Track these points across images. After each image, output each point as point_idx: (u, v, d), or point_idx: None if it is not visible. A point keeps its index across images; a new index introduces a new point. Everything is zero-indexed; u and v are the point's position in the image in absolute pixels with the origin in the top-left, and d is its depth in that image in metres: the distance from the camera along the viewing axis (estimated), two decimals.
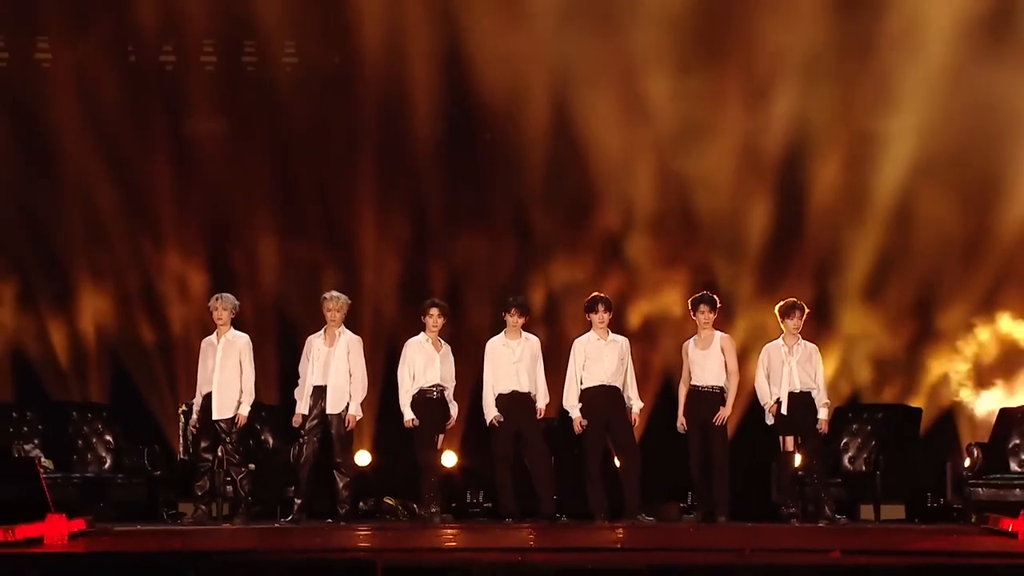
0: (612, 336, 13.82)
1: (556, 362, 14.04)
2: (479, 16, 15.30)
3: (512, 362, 13.79)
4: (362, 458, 14.73)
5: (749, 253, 15.53)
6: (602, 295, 13.96)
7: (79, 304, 15.62)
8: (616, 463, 13.86)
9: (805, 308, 13.72)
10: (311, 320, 14.11)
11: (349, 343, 13.71)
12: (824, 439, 13.81)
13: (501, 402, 13.75)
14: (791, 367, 13.56)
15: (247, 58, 16.11)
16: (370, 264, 15.66)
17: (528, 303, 14.04)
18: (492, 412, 13.76)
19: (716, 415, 13.61)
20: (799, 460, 13.61)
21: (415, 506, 14.14)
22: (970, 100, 14.76)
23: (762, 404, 13.68)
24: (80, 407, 15.08)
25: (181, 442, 14.39)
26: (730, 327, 14.71)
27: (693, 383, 13.73)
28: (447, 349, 13.89)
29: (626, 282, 15.56)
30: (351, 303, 13.83)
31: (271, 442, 14.73)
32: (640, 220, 15.65)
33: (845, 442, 14.83)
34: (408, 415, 13.74)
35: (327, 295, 13.78)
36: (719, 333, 13.80)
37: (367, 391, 13.81)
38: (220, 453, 13.67)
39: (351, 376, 13.67)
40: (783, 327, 13.66)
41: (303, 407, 13.69)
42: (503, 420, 13.73)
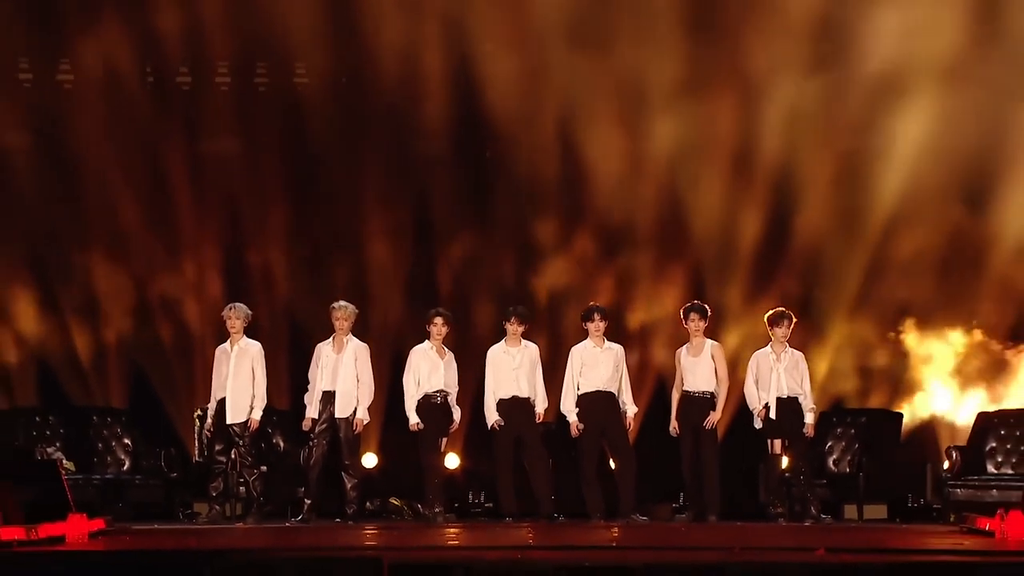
0: (608, 344, 13.82)
1: (555, 368, 14.06)
2: (484, 37, 15.31)
3: (512, 369, 13.79)
4: (369, 460, 14.71)
5: (740, 263, 15.50)
6: (598, 305, 13.97)
7: (99, 313, 15.61)
8: (612, 465, 13.86)
9: (793, 318, 13.73)
10: (320, 328, 14.10)
11: (356, 350, 13.71)
12: (810, 442, 13.81)
13: (502, 407, 13.76)
14: (779, 374, 13.57)
15: (259, 79, 16.11)
16: (377, 274, 15.63)
17: (528, 312, 14.03)
18: (493, 416, 13.76)
19: (707, 419, 13.61)
20: (786, 462, 13.63)
21: (419, 506, 14.13)
22: (958, 111, 14.76)
23: (751, 409, 13.68)
24: (100, 412, 15.08)
25: (196, 445, 14.38)
26: (721, 334, 14.70)
27: (685, 389, 13.74)
28: (450, 356, 13.89)
29: (622, 291, 15.54)
30: (358, 312, 13.84)
31: (282, 445, 14.72)
32: (637, 231, 15.62)
33: (830, 445, 14.81)
34: (413, 419, 13.74)
35: (335, 305, 13.77)
36: (710, 341, 13.81)
37: (374, 396, 13.82)
38: (233, 456, 13.68)
39: (358, 382, 13.67)
40: (771, 335, 13.67)
41: (313, 412, 13.70)
42: (503, 424, 13.73)
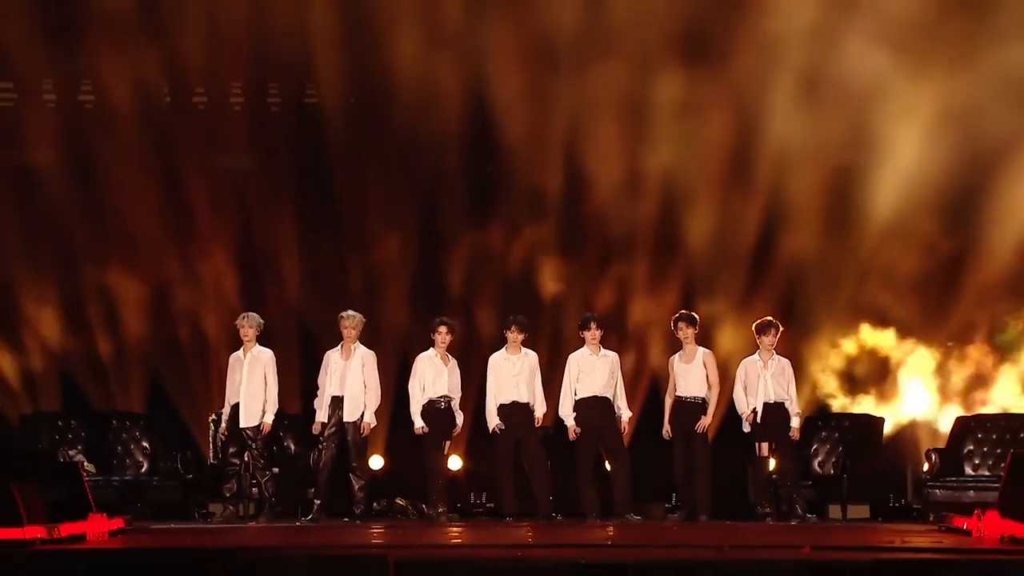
0: (603, 351, 13.82)
1: (553, 375, 14.06)
2: (487, 58, 15.35)
3: (512, 375, 13.79)
4: (376, 462, 14.71)
5: (731, 273, 15.52)
6: (595, 314, 13.98)
7: (119, 323, 15.61)
8: (607, 467, 13.86)
9: (779, 326, 13.74)
10: (329, 336, 14.11)
11: (364, 357, 13.72)
12: (796, 445, 13.80)
13: (502, 411, 13.76)
14: (766, 380, 13.57)
15: (271, 99, 16.14)
16: (384, 285, 15.64)
17: (527, 321, 14.03)
18: (494, 421, 13.77)
19: (698, 423, 13.62)
20: (773, 464, 13.64)
21: (424, 506, 14.13)
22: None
23: (740, 413, 13.68)
24: (120, 416, 15.08)
25: (211, 448, 14.39)
26: (713, 341, 14.72)
27: (678, 394, 13.74)
28: (454, 363, 13.90)
29: (618, 301, 15.54)
30: (365, 321, 13.85)
31: (293, 448, 14.71)
32: (633, 243, 15.63)
33: (815, 448, 14.80)
34: (418, 423, 13.75)
35: (344, 314, 13.78)
36: (702, 349, 13.82)
37: (380, 401, 13.82)
38: (247, 458, 13.67)
39: (366, 387, 13.68)
40: (759, 343, 13.67)
41: (322, 416, 13.70)
42: (504, 428, 13.73)
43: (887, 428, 15.03)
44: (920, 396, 15.29)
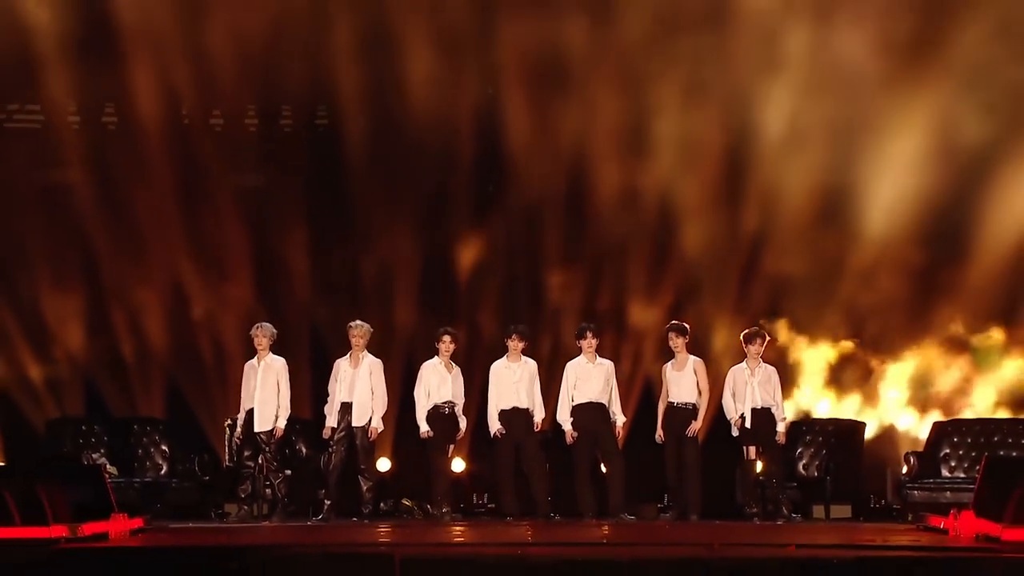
0: (599, 360, 13.82)
1: (552, 381, 14.05)
2: (491, 78, 15.39)
3: (513, 382, 13.78)
4: (383, 465, 14.68)
5: (721, 285, 15.52)
6: (591, 324, 13.97)
7: (140, 332, 15.61)
8: (603, 469, 13.84)
9: (766, 335, 13.75)
10: (339, 345, 14.11)
11: (371, 365, 13.71)
12: (782, 448, 13.79)
13: (503, 417, 13.75)
14: (753, 386, 13.56)
15: (284, 120, 16.15)
16: (392, 296, 15.63)
17: (527, 330, 14.03)
18: (495, 425, 13.76)
19: (689, 428, 13.60)
20: (760, 467, 13.60)
21: (428, 506, 14.10)
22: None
23: (728, 418, 13.66)
24: (140, 421, 15.06)
25: (227, 451, 14.35)
26: (704, 349, 14.74)
27: (670, 400, 13.73)
28: (457, 371, 13.89)
29: (614, 310, 15.54)
30: (373, 331, 13.85)
31: (304, 451, 14.69)
32: (628, 256, 15.63)
33: (800, 451, 14.77)
34: (423, 428, 13.75)
35: (352, 324, 13.78)
36: (692, 357, 13.80)
37: (387, 407, 13.81)
38: (260, 461, 13.66)
39: (373, 394, 13.67)
40: (747, 352, 13.67)
41: (332, 421, 13.70)
42: (505, 432, 13.72)
43: (868, 432, 15.04)
44: (897, 404, 15.32)
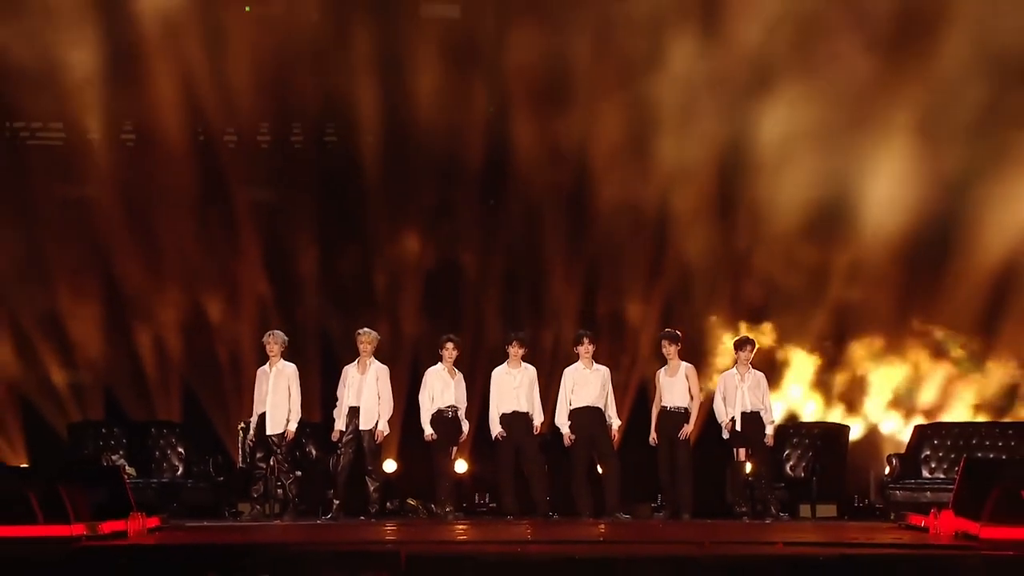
0: (596, 366, 13.81)
1: (550, 387, 14.06)
2: (493, 96, 15.40)
3: (513, 387, 13.77)
4: (389, 466, 14.68)
5: (713, 295, 15.54)
6: (587, 331, 13.97)
7: (157, 341, 15.61)
8: (599, 470, 13.84)
9: (755, 343, 13.77)
10: (347, 352, 14.11)
11: (378, 371, 13.71)
12: (770, 450, 13.80)
13: (504, 420, 13.75)
14: (743, 391, 13.57)
15: (295, 137, 16.16)
16: (398, 305, 15.63)
17: (527, 337, 14.03)
18: (496, 428, 13.76)
19: (681, 431, 13.61)
20: (749, 468, 13.61)
21: (433, 506, 14.10)
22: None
23: (719, 422, 13.67)
24: (158, 424, 15.05)
25: (240, 453, 14.33)
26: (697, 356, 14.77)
27: (663, 404, 13.73)
28: (460, 376, 13.89)
29: (610, 319, 15.54)
30: (380, 338, 13.85)
31: (314, 453, 14.68)
32: (623, 268, 15.65)
33: (787, 453, 14.77)
34: (428, 431, 13.74)
35: (360, 331, 13.78)
36: (684, 363, 13.80)
37: (393, 411, 13.81)
38: (272, 462, 13.65)
39: (380, 398, 13.67)
40: (736, 358, 13.69)
41: (340, 424, 13.69)
42: (506, 435, 13.72)
43: (853, 435, 15.05)
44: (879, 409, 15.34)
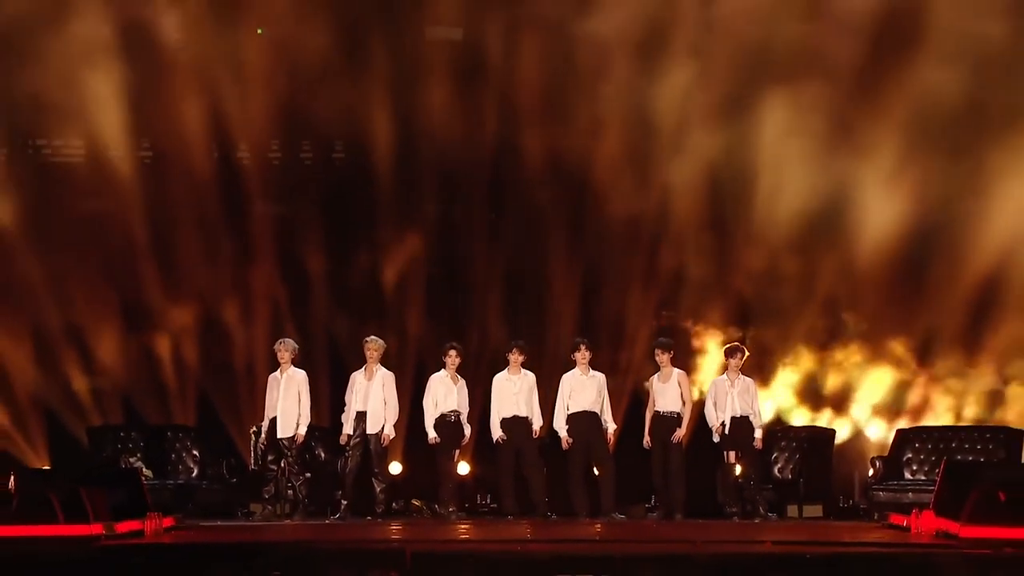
0: (592, 372, 13.81)
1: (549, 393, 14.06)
2: (494, 115, 15.43)
3: (513, 393, 13.77)
4: (395, 468, 14.67)
5: (705, 306, 15.54)
6: (584, 339, 13.97)
7: (173, 348, 15.61)
8: (595, 472, 13.83)
9: (745, 351, 13.76)
10: (355, 359, 14.11)
11: (384, 378, 13.71)
12: (759, 453, 13.79)
13: (504, 424, 13.74)
14: (733, 397, 13.56)
15: (304, 154, 16.17)
16: (403, 314, 15.62)
17: (526, 345, 14.02)
18: (497, 432, 13.75)
19: (674, 434, 13.60)
20: (739, 470, 13.61)
21: (436, 506, 14.09)
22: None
23: (710, 426, 13.67)
24: (173, 428, 15.03)
25: (252, 456, 14.31)
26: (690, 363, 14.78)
27: (656, 409, 13.72)
28: (462, 382, 13.88)
29: (607, 329, 15.54)
30: (386, 346, 13.85)
31: (323, 456, 14.67)
32: (619, 279, 15.65)
33: (775, 455, 14.75)
34: (431, 435, 13.73)
35: (368, 339, 13.78)
36: (677, 370, 13.80)
37: (398, 415, 13.80)
38: (283, 465, 13.65)
39: (386, 403, 13.66)
40: (727, 365, 13.68)
41: (348, 428, 13.69)
42: (506, 439, 13.72)
43: (838, 439, 15.04)
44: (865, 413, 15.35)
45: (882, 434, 15.11)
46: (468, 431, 13.89)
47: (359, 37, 15.26)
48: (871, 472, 14.05)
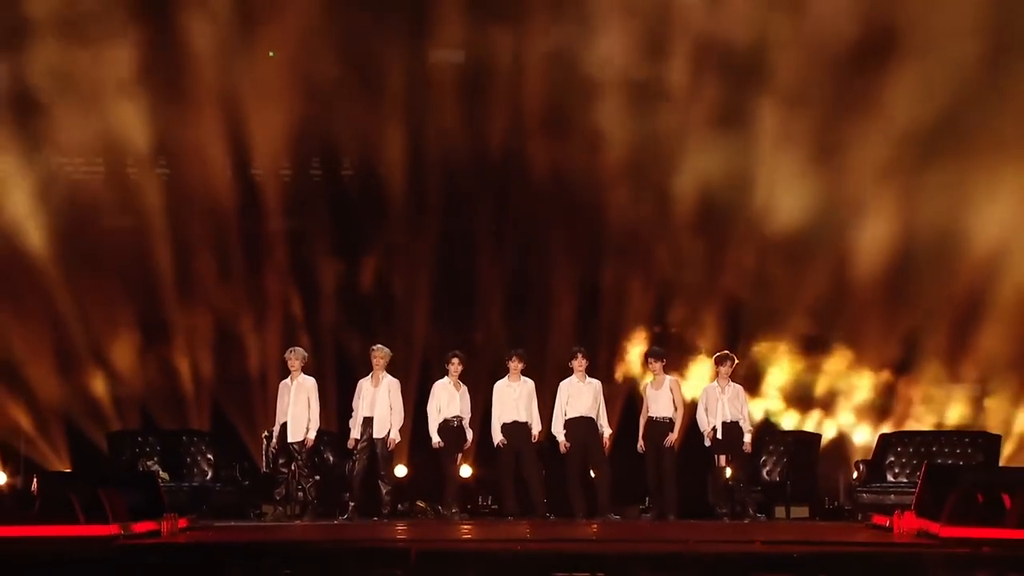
0: (588, 379, 13.81)
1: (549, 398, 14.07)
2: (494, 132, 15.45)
3: (513, 399, 13.76)
4: (400, 471, 14.64)
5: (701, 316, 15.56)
6: (581, 348, 13.98)
7: (188, 357, 15.61)
8: (592, 475, 13.83)
9: (735, 359, 13.77)
10: (362, 367, 14.12)
11: (390, 384, 13.71)
12: (748, 457, 13.79)
13: (505, 429, 13.74)
14: (723, 403, 13.57)
15: (313, 171, 16.18)
16: (408, 323, 15.63)
17: (525, 353, 14.02)
18: (498, 437, 13.76)
19: (667, 439, 13.60)
20: (729, 472, 13.60)
21: (440, 507, 14.08)
22: None
23: (701, 431, 13.67)
24: (189, 433, 15.00)
25: (264, 459, 14.32)
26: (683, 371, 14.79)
27: (649, 414, 13.72)
28: (465, 389, 13.88)
29: (603, 338, 15.54)
30: (392, 354, 13.86)
31: (332, 459, 14.66)
32: (614, 290, 15.67)
33: (763, 459, 14.74)
34: (435, 439, 13.74)
35: (374, 348, 13.79)
36: (669, 377, 13.81)
37: (403, 420, 13.80)
38: (293, 467, 13.64)
39: (392, 409, 13.66)
40: (717, 372, 13.69)
41: (356, 433, 13.69)
42: (506, 443, 13.72)
43: (823, 442, 15.05)
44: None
45: (866, 438, 15.12)
46: (470, 435, 13.90)
47: (365, 62, 15.28)
48: (855, 475, 14.07)
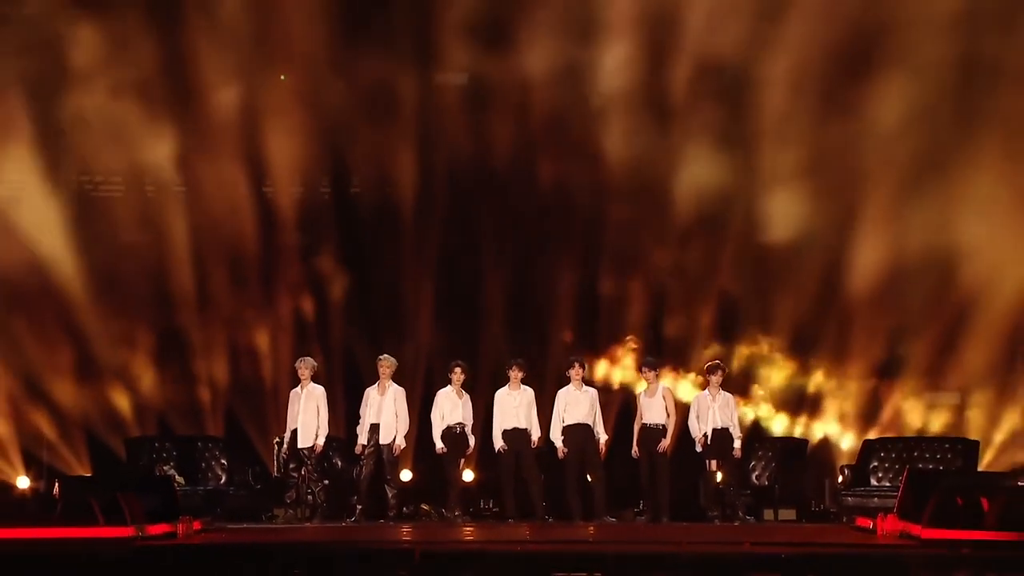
0: (585, 387, 13.82)
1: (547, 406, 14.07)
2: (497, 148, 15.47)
3: (514, 407, 13.77)
4: (405, 476, 14.64)
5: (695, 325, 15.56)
6: (578, 357, 13.98)
7: (203, 367, 15.61)
8: (588, 479, 13.83)
9: (725, 368, 13.79)
10: (369, 376, 14.12)
11: (396, 393, 13.73)
12: (738, 462, 13.79)
13: (505, 435, 13.75)
14: (714, 410, 13.58)
15: (324, 189, 16.20)
16: (414, 334, 15.62)
17: (525, 363, 14.02)
18: (499, 443, 13.76)
19: (660, 444, 13.60)
20: (720, 477, 13.60)
21: (443, 510, 14.09)
22: None
23: (693, 437, 13.67)
24: (203, 439, 15.00)
25: (275, 464, 14.30)
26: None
27: (643, 421, 13.73)
28: (467, 397, 13.89)
29: (601, 347, 15.55)
30: (397, 363, 13.87)
31: (340, 464, 14.65)
32: (609, 301, 15.67)
33: (752, 463, 14.72)
34: (439, 445, 13.75)
35: (381, 357, 13.81)
36: (662, 385, 13.82)
37: (408, 427, 13.81)
38: (303, 472, 13.64)
39: (397, 417, 13.67)
40: (708, 381, 13.70)
41: (363, 439, 13.70)
42: (507, 448, 13.72)
43: (809, 448, 15.04)
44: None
45: (850, 444, 15.11)
46: (472, 441, 13.90)
47: (371, 85, 15.30)
48: (840, 479, 14.07)
